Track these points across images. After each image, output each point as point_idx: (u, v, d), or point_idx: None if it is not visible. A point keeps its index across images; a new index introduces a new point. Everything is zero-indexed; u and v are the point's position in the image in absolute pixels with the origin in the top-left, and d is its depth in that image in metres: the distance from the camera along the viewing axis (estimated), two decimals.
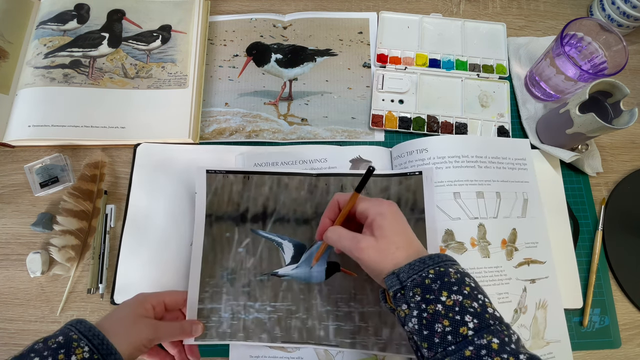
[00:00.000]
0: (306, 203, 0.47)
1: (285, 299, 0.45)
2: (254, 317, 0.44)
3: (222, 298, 0.45)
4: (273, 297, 0.45)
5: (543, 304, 0.45)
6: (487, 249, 0.45)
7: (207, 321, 0.44)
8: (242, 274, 0.46)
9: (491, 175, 0.48)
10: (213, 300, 0.45)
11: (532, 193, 0.49)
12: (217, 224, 0.47)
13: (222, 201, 0.47)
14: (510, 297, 0.44)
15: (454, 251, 0.45)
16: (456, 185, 0.47)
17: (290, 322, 0.44)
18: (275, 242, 0.46)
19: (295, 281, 0.45)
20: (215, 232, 0.47)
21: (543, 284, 0.46)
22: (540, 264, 0.47)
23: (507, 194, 0.48)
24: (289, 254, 0.46)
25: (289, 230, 0.47)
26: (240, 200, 0.47)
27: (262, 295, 0.45)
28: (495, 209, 0.47)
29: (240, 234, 0.47)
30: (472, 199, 0.46)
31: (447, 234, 0.45)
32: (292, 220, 0.47)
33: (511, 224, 0.47)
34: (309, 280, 0.45)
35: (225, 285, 0.45)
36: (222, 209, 0.47)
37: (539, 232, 0.48)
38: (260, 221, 0.47)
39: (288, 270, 0.45)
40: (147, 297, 0.41)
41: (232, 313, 0.44)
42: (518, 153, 0.50)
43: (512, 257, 0.46)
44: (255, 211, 0.47)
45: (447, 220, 0.46)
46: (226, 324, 0.44)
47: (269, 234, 0.47)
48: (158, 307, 0.41)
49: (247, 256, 0.46)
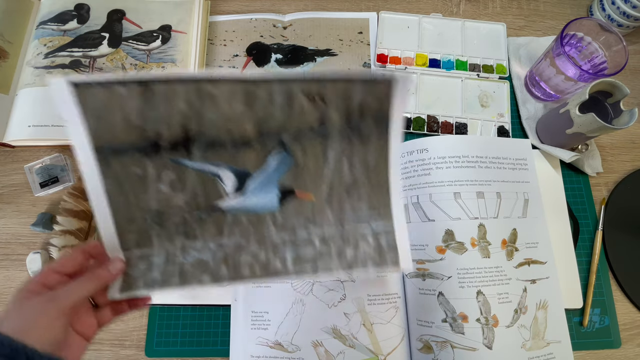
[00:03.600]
0: (243, 117, 0.34)
1: (233, 233, 0.37)
2: (194, 259, 0.37)
3: (153, 241, 0.36)
4: (217, 233, 0.37)
5: (544, 304, 0.45)
6: (487, 249, 0.45)
7: (133, 270, 0.36)
8: (172, 213, 0.36)
9: (492, 175, 0.48)
10: (140, 245, 0.36)
11: (533, 193, 0.49)
12: (116, 160, 0.34)
13: (114, 127, 0.33)
14: (510, 298, 0.44)
15: (454, 251, 0.45)
16: (456, 185, 0.47)
17: (240, 258, 0.37)
18: (209, 174, 0.36)
19: (243, 213, 0.37)
20: (118, 170, 0.34)
21: (544, 285, 0.46)
22: (541, 265, 0.47)
23: (508, 194, 0.48)
24: (230, 184, 0.36)
25: (226, 156, 0.35)
26: (144, 122, 0.33)
27: (204, 232, 0.37)
28: (495, 209, 0.47)
29: (156, 168, 0.35)
30: (472, 199, 0.46)
31: (447, 234, 0.45)
32: (228, 143, 0.35)
33: (512, 224, 0.47)
34: (259, 210, 0.38)
35: (154, 228, 0.36)
36: (117, 137, 0.33)
37: (539, 233, 0.48)
38: (183, 148, 0.34)
39: (233, 203, 0.37)
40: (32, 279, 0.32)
41: (166, 257, 0.37)
42: (519, 153, 0.50)
43: (512, 258, 0.46)
44: (171, 135, 0.34)
45: (448, 220, 0.46)
46: (157, 270, 0.36)
47: (198, 164, 0.35)
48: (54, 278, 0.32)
49: (174, 193, 0.36)
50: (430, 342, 0.44)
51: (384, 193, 0.38)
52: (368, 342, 0.45)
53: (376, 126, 0.36)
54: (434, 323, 0.44)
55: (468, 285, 0.44)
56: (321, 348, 0.45)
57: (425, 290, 0.45)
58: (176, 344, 0.47)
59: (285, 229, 0.38)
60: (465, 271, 0.44)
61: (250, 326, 0.47)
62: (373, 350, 0.45)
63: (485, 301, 0.43)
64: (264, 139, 0.35)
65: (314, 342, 0.45)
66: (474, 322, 0.43)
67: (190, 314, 0.49)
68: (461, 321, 0.43)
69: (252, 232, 0.38)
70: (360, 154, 0.37)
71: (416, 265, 0.46)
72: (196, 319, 0.48)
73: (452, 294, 0.44)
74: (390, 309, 0.46)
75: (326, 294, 0.47)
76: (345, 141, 0.36)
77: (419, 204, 0.47)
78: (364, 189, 0.38)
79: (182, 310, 0.49)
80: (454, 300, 0.44)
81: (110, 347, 0.47)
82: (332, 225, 0.39)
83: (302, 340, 0.46)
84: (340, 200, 0.38)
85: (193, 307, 0.49)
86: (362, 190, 0.38)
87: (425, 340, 0.44)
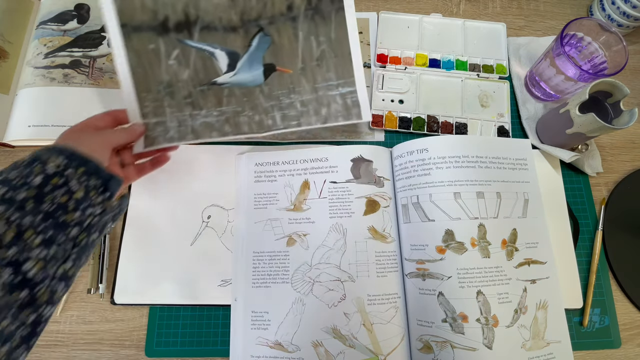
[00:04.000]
0: (229, 10, 0.46)
1: (230, 103, 0.46)
2: (202, 122, 0.46)
3: (166, 111, 0.45)
4: (217, 103, 0.46)
5: (544, 304, 0.45)
6: (487, 249, 0.45)
7: (153, 132, 0.45)
8: (180, 87, 0.46)
9: (492, 175, 0.48)
10: (156, 114, 0.45)
11: (533, 193, 0.49)
12: (136, 35, 0.44)
13: (134, 7, 0.44)
14: (510, 298, 0.44)
15: (454, 251, 0.45)
16: (457, 185, 0.47)
17: (239, 119, 0.46)
18: (207, 52, 0.45)
19: (236, 87, 0.46)
20: (137, 45, 0.45)
21: (544, 285, 0.46)
22: (541, 265, 0.47)
23: (508, 194, 0.48)
24: (223, 63, 0.46)
25: (219, 38, 0.46)
26: (156, 6, 0.44)
27: (207, 103, 0.46)
28: (495, 209, 0.47)
29: (166, 45, 0.45)
30: (472, 199, 0.46)
31: (447, 234, 0.45)
32: (219, 28, 0.45)
33: (512, 224, 0.47)
34: (249, 84, 0.47)
35: (166, 99, 0.45)
36: (137, 17, 0.44)
37: (539, 233, 0.48)
38: (185, 30, 0.45)
39: (227, 78, 0.46)
40: (88, 120, 0.42)
41: (178, 122, 0.45)
42: (519, 153, 0.50)
43: (512, 258, 0.46)
44: (176, 19, 0.45)
45: (448, 220, 0.46)
46: (173, 130, 0.45)
47: (198, 44, 0.45)
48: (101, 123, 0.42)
49: (181, 68, 0.45)
50: (430, 342, 0.44)
51: (348, 63, 0.48)
52: (368, 342, 0.45)
53: (332, 3, 0.47)
54: (434, 323, 0.44)
55: (468, 286, 0.44)
56: (321, 348, 0.45)
57: (425, 290, 0.45)
58: (176, 344, 0.47)
59: (271, 97, 0.47)
60: (465, 271, 0.44)
61: (250, 326, 0.47)
62: (373, 350, 0.45)
63: (486, 301, 0.43)
64: (246, 26, 0.46)
65: (314, 342, 0.45)
66: (474, 322, 0.43)
67: (190, 314, 0.49)
68: (461, 321, 0.43)
69: (245, 101, 0.47)
70: (323, 30, 0.47)
71: (416, 265, 0.46)
72: (196, 319, 0.48)
73: (452, 294, 0.44)
74: (390, 309, 0.46)
75: (326, 294, 0.47)
76: (310, 20, 0.47)
77: (419, 204, 0.47)
78: (331, 60, 0.48)
79: (182, 310, 0.49)
80: (454, 300, 0.43)
81: (110, 347, 0.47)
82: (308, 93, 0.47)
83: (302, 340, 0.46)
84: (313, 72, 0.47)
85: (193, 307, 0.49)
86: (330, 62, 0.48)
87: (425, 340, 0.44)
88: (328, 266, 0.48)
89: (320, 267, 0.48)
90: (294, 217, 0.50)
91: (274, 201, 0.51)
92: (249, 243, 0.50)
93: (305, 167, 0.52)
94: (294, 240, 0.49)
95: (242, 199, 0.52)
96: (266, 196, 0.51)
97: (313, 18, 0.47)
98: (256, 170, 0.53)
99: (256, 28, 0.46)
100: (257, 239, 0.50)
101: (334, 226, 0.49)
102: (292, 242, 0.49)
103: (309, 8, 0.46)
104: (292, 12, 0.46)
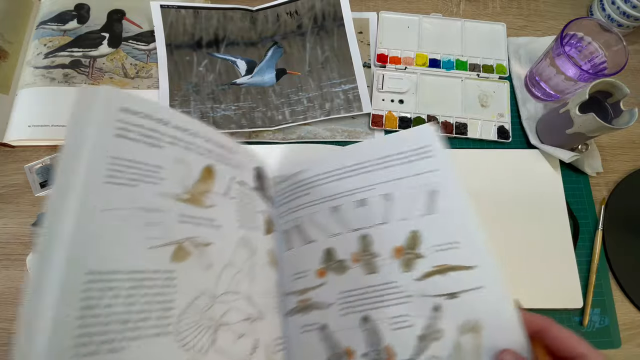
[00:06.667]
0: (250, 31, 0.58)
1: (246, 99, 0.55)
2: (221, 114, 0.54)
3: (191, 104, 0.54)
4: (235, 99, 0.55)
5: (474, 326, 0.32)
6: (371, 262, 0.37)
7: None
8: (205, 86, 0.55)
9: (375, 178, 0.40)
10: (182, 105, 0.54)
11: (444, 182, 0.37)
12: (177, 51, 0.57)
13: (178, 32, 0.57)
14: (410, 321, 0.33)
15: (335, 272, 0.38)
16: (335, 199, 0.40)
17: (254, 114, 0.54)
18: (230, 61, 0.57)
19: (252, 87, 0.56)
20: (177, 57, 0.56)
21: (472, 298, 0.33)
22: (467, 270, 0.34)
23: (401, 193, 0.38)
24: (243, 69, 0.57)
25: (240, 51, 0.57)
26: (194, 30, 0.57)
27: (226, 99, 0.55)
28: (382, 214, 0.38)
29: (198, 57, 0.57)
30: (351, 209, 0.39)
31: (327, 254, 0.38)
32: (241, 44, 0.57)
33: (409, 226, 0.37)
34: (263, 84, 0.56)
35: (192, 94, 0.55)
36: (179, 38, 0.57)
37: (459, 229, 0.35)
38: (214, 46, 0.57)
39: (245, 80, 0.56)
40: None
41: (201, 114, 0.54)
42: (419, 141, 0.39)
43: (411, 268, 0.35)
44: (208, 39, 0.57)
45: (327, 238, 0.39)
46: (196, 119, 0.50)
47: (223, 55, 0.57)
48: None
49: (207, 73, 0.56)
50: None
51: (349, 65, 0.57)
52: None
53: (334, 21, 0.59)
54: None
55: (352, 312, 0.35)
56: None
57: (307, 327, 0.36)
58: None
59: (282, 95, 0.56)
60: (348, 294, 0.36)
61: None
62: None
63: (373, 329, 0.34)
64: (263, 41, 0.58)
65: None
66: (360, 358, 0.34)
67: None
68: (347, 359, 0.34)
69: (259, 98, 0.56)
70: (327, 41, 0.58)
71: (298, 298, 0.38)
72: None
73: (336, 324, 0.35)
74: None
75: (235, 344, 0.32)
76: (316, 35, 0.58)
77: (298, 227, 0.40)
78: (334, 63, 0.57)
79: None
80: (338, 333, 0.35)
81: None
82: (314, 90, 0.56)
83: None
84: (318, 73, 0.57)
85: None
86: (333, 64, 0.57)
87: None
88: (237, 297, 0.33)
89: (227, 300, 0.32)
90: (189, 212, 0.31)
91: (155, 179, 0.30)
92: (81, 251, 0.24)
93: (210, 148, 0.35)
94: (186, 253, 0.29)
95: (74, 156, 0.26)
96: (138, 166, 0.29)
97: (319, 33, 0.58)
98: (121, 118, 0.29)
99: (271, 42, 0.58)
100: (104, 244, 0.25)
101: (244, 239, 0.36)
102: (184, 254, 0.29)
103: (315, 26, 0.59)
104: (302, 30, 0.59)
